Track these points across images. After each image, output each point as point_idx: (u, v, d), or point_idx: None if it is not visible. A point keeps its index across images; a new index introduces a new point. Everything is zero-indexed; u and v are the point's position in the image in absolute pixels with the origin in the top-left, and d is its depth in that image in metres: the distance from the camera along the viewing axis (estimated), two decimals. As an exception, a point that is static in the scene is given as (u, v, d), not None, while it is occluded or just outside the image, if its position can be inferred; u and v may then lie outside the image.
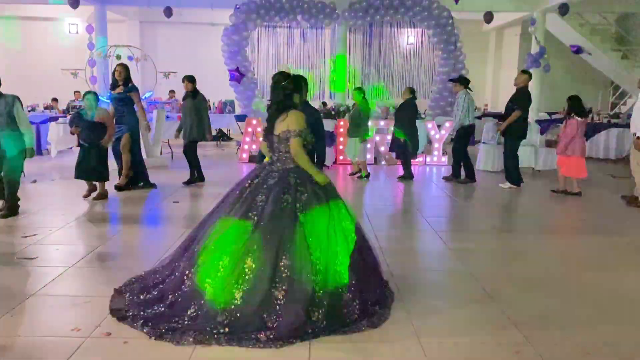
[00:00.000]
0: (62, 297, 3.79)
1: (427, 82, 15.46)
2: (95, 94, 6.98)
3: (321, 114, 7.75)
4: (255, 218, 3.35)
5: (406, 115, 8.87)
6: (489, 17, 12.87)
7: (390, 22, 13.68)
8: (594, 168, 10.38)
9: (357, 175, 9.04)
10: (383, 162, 10.79)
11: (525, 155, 9.53)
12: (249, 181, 3.56)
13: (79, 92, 13.86)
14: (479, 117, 14.39)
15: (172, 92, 14.86)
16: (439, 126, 10.71)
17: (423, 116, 11.91)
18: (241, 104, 12.97)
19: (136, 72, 14.21)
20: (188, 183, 8.17)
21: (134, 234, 5.66)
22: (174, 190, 7.84)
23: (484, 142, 10.44)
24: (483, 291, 4.03)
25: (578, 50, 14.21)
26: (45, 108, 13.58)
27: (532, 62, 13.35)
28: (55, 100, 14.19)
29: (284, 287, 3.18)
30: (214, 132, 14.82)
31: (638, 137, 6.82)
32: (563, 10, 12.10)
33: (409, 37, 15.68)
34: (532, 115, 12.59)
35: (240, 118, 12.28)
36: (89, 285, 4.06)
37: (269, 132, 3.63)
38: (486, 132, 10.76)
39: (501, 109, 14.77)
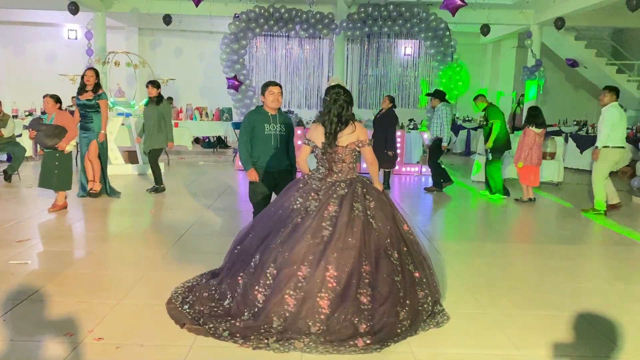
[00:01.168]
0: (55, 302, 3.79)
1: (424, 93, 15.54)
2: (53, 96, 6.58)
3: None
4: (330, 228, 3.42)
5: (387, 124, 8.73)
6: (485, 29, 12.97)
7: (388, 33, 13.76)
8: (589, 180, 10.43)
9: None
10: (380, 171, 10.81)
11: None
12: (313, 194, 3.59)
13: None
14: (475, 129, 14.50)
15: (169, 99, 14.90)
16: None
17: (419, 126, 11.98)
18: (239, 112, 12.99)
19: (134, 78, 14.28)
20: (155, 191, 7.98)
21: (126, 240, 5.65)
22: (166, 198, 7.85)
23: (479, 154, 10.49)
24: (476, 302, 4.05)
25: (573, 63, 14.32)
26: (43, 113, 13.58)
27: (528, 75, 13.45)
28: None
29: (368, 292, 3.28)
30: (211, 140, 14.98)
31: (597, 147, 7.15)
32: (559, 24, 12.21)
33: (406, 48, 15.77)
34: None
35: (238, 126, 12.29)
36: (82, 290, 4.06)
37: (332, 145, 3.67)
38: (482, 144, 10.79)
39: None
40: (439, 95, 9.02)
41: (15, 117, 12.16)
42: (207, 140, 14.94)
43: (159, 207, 7.23)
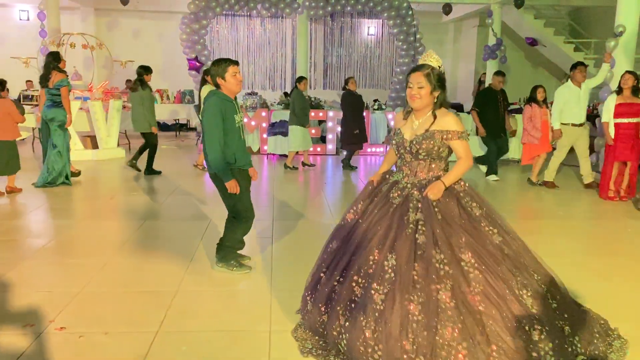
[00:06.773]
0: (14, 292, 3.69)
1: (388, 73, 15.61)
2: None
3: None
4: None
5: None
6: (447, 8, 13.05)
7: (351, 12, 13.70)
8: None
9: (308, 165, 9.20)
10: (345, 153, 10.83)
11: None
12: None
13: (30, 81, 13.39)
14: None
15: (129, 81, 14.52)
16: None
17: (384, 106, 12.02)
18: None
19: (91, 60, 13.86)
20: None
21: (87, 227, 5.52)
22: (128, 183, 7.71)
23: None
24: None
25: (533, 42, 14.56)
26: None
27: (489, 54, 13.61)
28: (6, 90, 13.62)
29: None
30: (172, 122, 14.70)
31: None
32: (518, 2, 12.37)
33: (369, 28, 15.76)
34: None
35: (200, 108, 12.09)
36: (42, 280, 3.95)
37: None
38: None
39: (459, 99, 15.07)
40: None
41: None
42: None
43: (120, 192, 7.07)
